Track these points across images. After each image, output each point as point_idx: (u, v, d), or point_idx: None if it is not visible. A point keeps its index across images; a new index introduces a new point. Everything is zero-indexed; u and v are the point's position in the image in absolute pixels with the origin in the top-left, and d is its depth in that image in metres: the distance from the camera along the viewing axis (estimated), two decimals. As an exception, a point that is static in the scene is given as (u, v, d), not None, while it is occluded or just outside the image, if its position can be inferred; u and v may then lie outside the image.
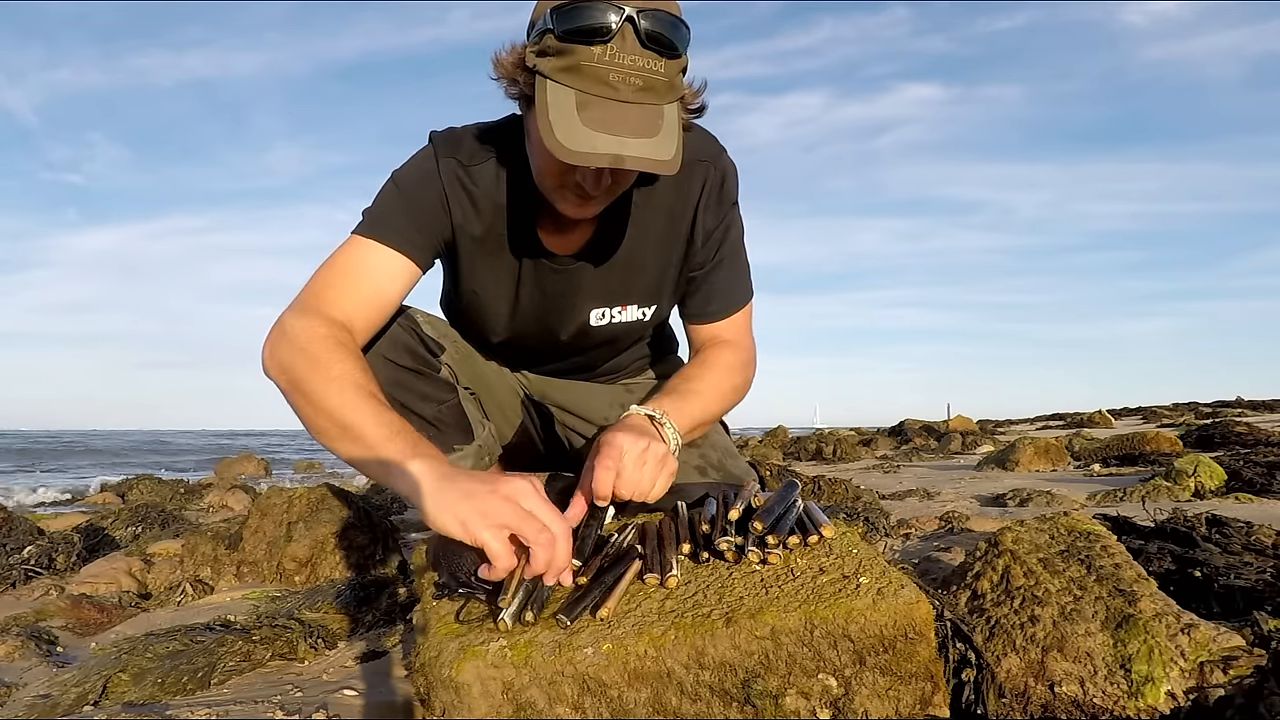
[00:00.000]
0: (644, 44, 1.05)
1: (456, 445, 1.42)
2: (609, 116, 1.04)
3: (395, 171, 1.31)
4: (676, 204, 1.34)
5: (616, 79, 1.04)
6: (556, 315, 1.43)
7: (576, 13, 1.04)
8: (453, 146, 1.30)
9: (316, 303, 1.18)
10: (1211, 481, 2.87)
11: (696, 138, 1.33)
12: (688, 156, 1.25)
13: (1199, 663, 0.89)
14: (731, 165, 1.38)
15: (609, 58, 1.04)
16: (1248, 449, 3.85)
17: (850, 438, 7.74)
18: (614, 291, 1.41)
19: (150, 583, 2.00)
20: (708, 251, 1.38)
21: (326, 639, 1.36)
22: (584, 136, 1.03)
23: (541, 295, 1.40)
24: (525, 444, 1.65)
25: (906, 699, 0.82)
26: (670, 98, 1.10)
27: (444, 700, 0.77)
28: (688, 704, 0.79)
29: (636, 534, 1.00)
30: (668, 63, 1.08)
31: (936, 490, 3.41)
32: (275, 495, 2.05)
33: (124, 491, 4.92)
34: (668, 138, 1.07)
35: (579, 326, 1.45)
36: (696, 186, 1.34)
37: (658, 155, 1.05)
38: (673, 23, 1.08)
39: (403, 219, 1.27)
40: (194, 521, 3.20)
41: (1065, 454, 4.55)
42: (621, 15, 1.03)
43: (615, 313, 1.44)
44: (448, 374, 1.44)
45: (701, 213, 1.35)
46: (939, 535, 2.13)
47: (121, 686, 1.15)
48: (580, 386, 1.61)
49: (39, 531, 2.48)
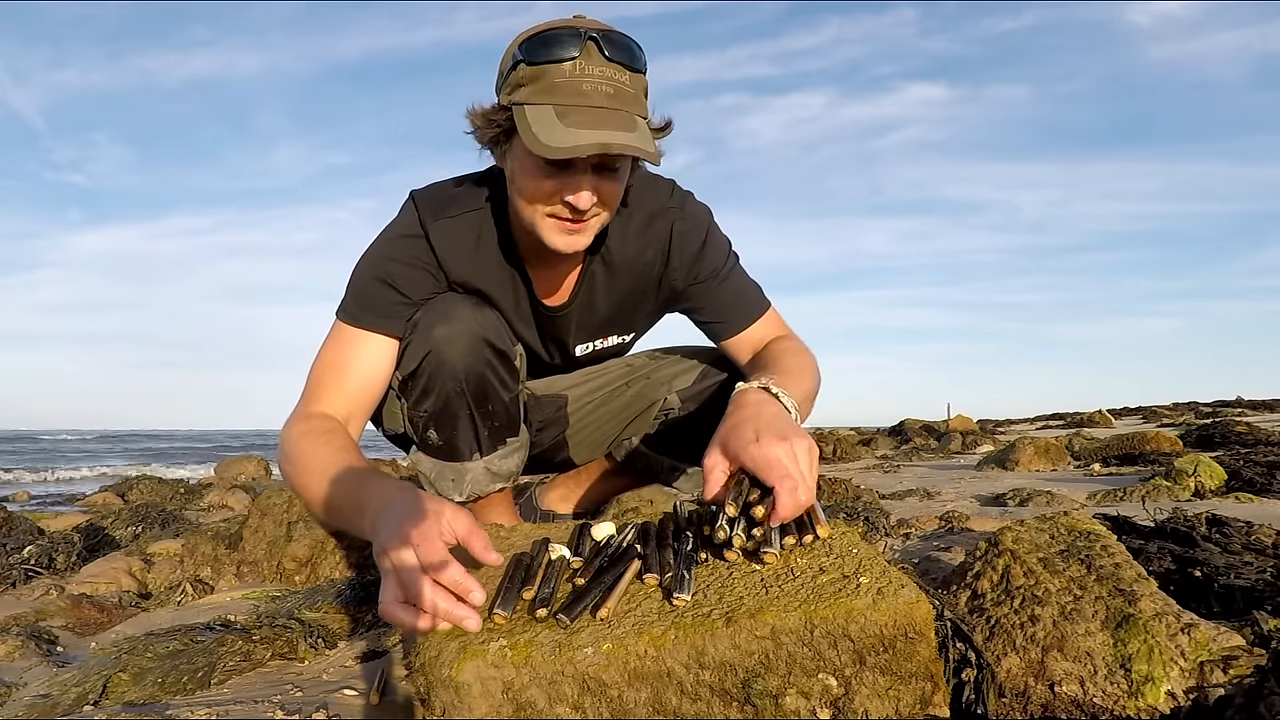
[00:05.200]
0: (608, 57, 1.15)
1: (509, 438, 1.49)
2: (589, 118, 1.12)
3: (378, 239, 1.39)
4: (645, 250, 1.44)
5: (589, 88, 1.13)
6: (545, 347, 1.55)
7: (542, 40, 1.15)
8: (436, 204, 1.37)
9: (308, 407, 1.27)
10: (1211, 481, 2.87)
11: (660, 187, 1.44)
12: (653, 205, 1.42)
13: (1199, 662, 0.89)
14: (697, 207, 1.47)
15: (579, 71, 1.13)
16: (1248, 449, 3.85)
17: (850, 437, 7.74)
18: (597, 328, 1.54)
19: (150, 582, 2.00)
20: (699, 282, 1.47)
21: (327, 638, 1.36)
22: (568, 135, 1.10)
23: (532, 332, 1.50)
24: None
25: (906, 699, 0.82)
26: (638, 110, 1.18)
27: (444, 700, 0.77)
28: (688, 704, 0.79)
29: (637, 534, 1.00)
30: (632, 75, 1.17)
31: (936, 490, 3.41)
32: (275, 495, 2.05)
33: (124, 491, 4.92)
34: (645, 136, 1.16)
35: (564, 355, 1.57)
36: (664, 232, 1.43)
37: (641, 145, 1.13)
38: (629, 43, 1.18)
39: (388, 293, 1.34)
40: (194, 521, 3.20)
41: (1065, 454, 4.55)
42: (584, 36, 1.14)
43: (597, 343, 1.57)
44: (519, 364, 1.51)
45: (675, 253, 1.44)
46: (939, 535, 2.13)
47: (121, 686, 1.15)
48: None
49: (39, 531, 2.48)
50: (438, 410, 1.38)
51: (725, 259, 1.48)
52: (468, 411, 1.40)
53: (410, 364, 1.34)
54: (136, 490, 4.89)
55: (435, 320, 1.32)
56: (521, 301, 1.45)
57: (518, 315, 1.46)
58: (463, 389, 1.36)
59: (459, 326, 1.33)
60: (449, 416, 1.39)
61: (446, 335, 1.32)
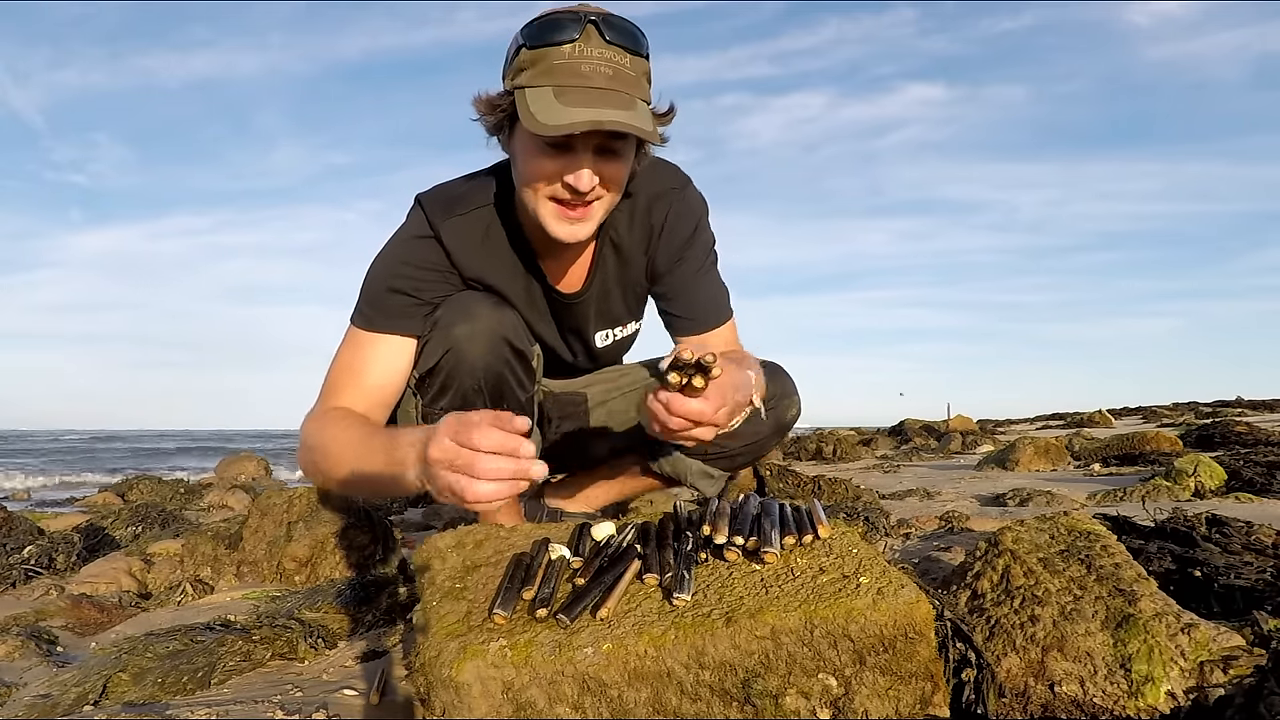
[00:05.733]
0: (608, 40, 1.15)
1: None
2: (586, 97, 1.13)
3: (389, 243, 1.42)
4: (645, 230, 1.45)
5: (588, 69, 1.13)
6: (566, 342, 1.55)
7: (543, 24, 1.16)
8: (444, 204, 1.38)
9: (324, 405, 1.30)
10: (1211, 481, 2.87)
11: (667, 169, 1.46)
12: (658, 187, 1.44)
13: (1199, 662, 0.89)
14: (696, 196, 1.49)
15: (578, 53, 1.14)
16: (1248, 449, 3.84)
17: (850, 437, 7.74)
18: (614, 315, 1.54)
19: (150, 582, 2.00)
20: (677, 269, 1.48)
21: (326, 639, 1.36)
22: (564, 113, 1.11)
23: (550, 327, 1.51)
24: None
25: (906, 699, 0.82)
26: (639, 93, 1.18)
27: (444, 700, 0.77)
28: (688, 704, 0.79)
29: (637, 534, 1.00)
30: (633, 59, 1.17)
31: (936, 490, 3.41)
32: (275, 495, 2.05)
33: (124, 491, 4.91)
34: (643, 115, 1.16)
35: (586, 349, 1.57)
36: (661, 213, 1.44)
37: (636, 123, 1.13)
38: (631, 27, 1.18)
39: (400, 296, 1.35)
40: (194, 521, 3.20)
41: (1065, 454, 4.55)
42: (584, 18, 1.15)
43: (617, 332, 1.58)
44: (536, 364, 1.52)
45: (667, 234, 1.45)
46: (939, 535, 2.13)
47: (121, 686, 1.15)
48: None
49: (39, 531, 2.48)
50: (454, 408, 1.39)
51: (708, 255, 1.51)
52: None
53: (429, 361, 1.35)
54: (136, 490, 4.89)
55: (456, 318, 1.33)
56: (535, 293, 1.45)
57: (533, 308, 1.46)
58: (480, 387, 1.37)
59: (480, 325, 1.33)
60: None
61: (467, 334, 1.32)
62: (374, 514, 2.02)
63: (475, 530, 1.05)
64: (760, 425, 1.63)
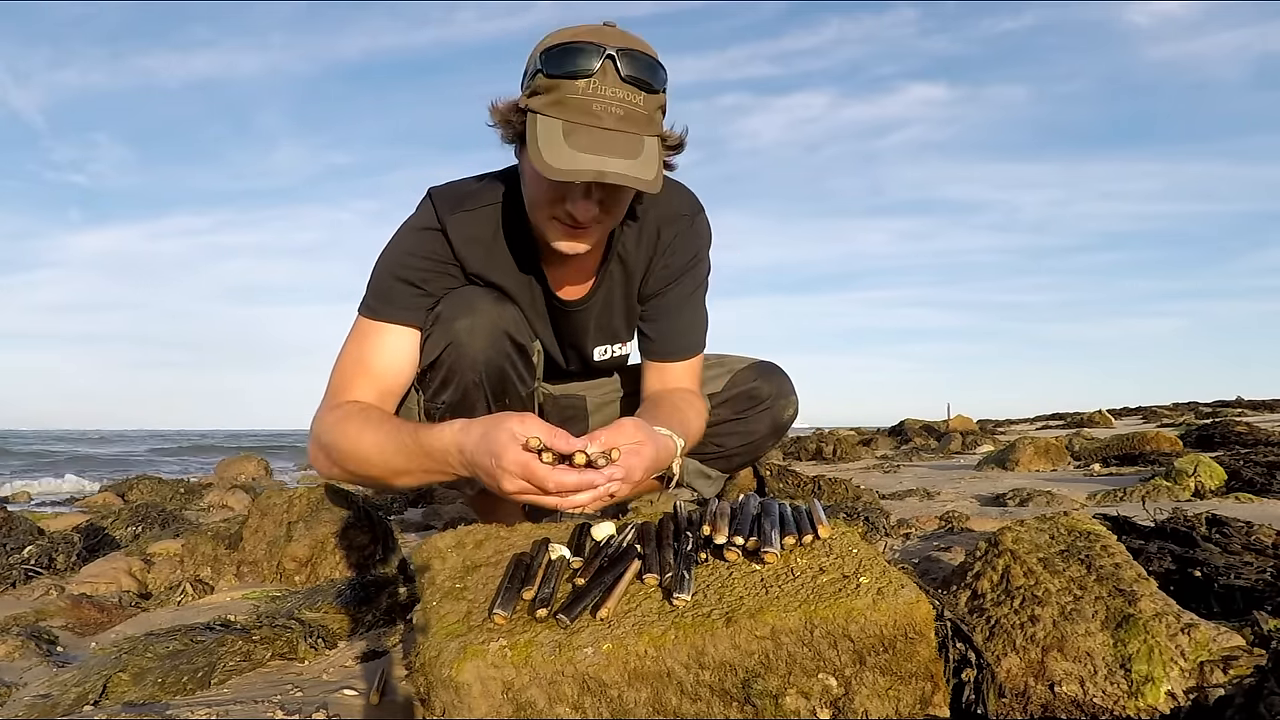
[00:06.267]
0: (624, 79, 1.15)
1: None
2: (593, 141, 1.13)
3: (396, 234, 1.43)
4: (650, 251, 1.46)
5: (599, 109, 1.14)
6: (563, 351, 1.55)
7: (562, 52, 1.15)
8: (454, 199, 1.38)
9: (336, 398, 1.31)
10: (1211, 481, 2.87)
11: (682, 195, 1.47)
12: (669, 210, 1.44)
13: (1199, 662, 0.89)
14: (705, 225, 1.50)
15: (592, 90, 1.14)
16: (1248, 449, 3.84)
17: (850, 437, 7.74)
18: (614, 331, 1.54)
19: (150, 582, 2.00)
20: (667, 292, 1.49)
21: (326, 639, 1.36)
22: (569, 157, 1.11)
23: (549, 333, 1.51)
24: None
25: (906, 699, 0.82)
26: (650, 131, 1.18)
27: (444, 700, 0.77)
28: (688, 704, 0.79)
29: (636, 534, 1.00)
30: (646, 97, 1.17)
31: (936, 490, 3.41)
32: (275, 495, 2.05)
33: (124, 491, 4.91)
34: (649, 162, 1.16)
35: (582, 361, 1.58)
36: (669, 237, 1.45)
37: (639, 174, 1.14)
38: (650, 63, 1.18)
39: (406, 286, 1.35)
40: (194, 521, 3.20)
41: (1065, 454, 4.55)
42: (603, 53, 1.14)
43: (615, 348, 1.58)
44: (537, 360, 1.52)
45: (668, 256, 1.46)
46: (939, 535, 2.13)
47: (121, 686, 1.15)
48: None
49: (39, 531, 2.48)
50: (455, 402, 1.39)
51: (700, 284, 1.52)
52: (485, 404, 1.40)
53: (430, 354, 1.35)
54: (136, 490, 4.89)
55: (457, 312, 1.33)
56: (537, 297, 1.46)
57: (534, 311, 1.47)
58: (481, 380, 1.37)
59: (481, 319, 1.34)
60: (466, 408, 1.39)
61: (468, 327, 1.33)
62: (374, 514, 2.02)
63: (475, 530, 1.05)
64: (757, 425, 1.63)
